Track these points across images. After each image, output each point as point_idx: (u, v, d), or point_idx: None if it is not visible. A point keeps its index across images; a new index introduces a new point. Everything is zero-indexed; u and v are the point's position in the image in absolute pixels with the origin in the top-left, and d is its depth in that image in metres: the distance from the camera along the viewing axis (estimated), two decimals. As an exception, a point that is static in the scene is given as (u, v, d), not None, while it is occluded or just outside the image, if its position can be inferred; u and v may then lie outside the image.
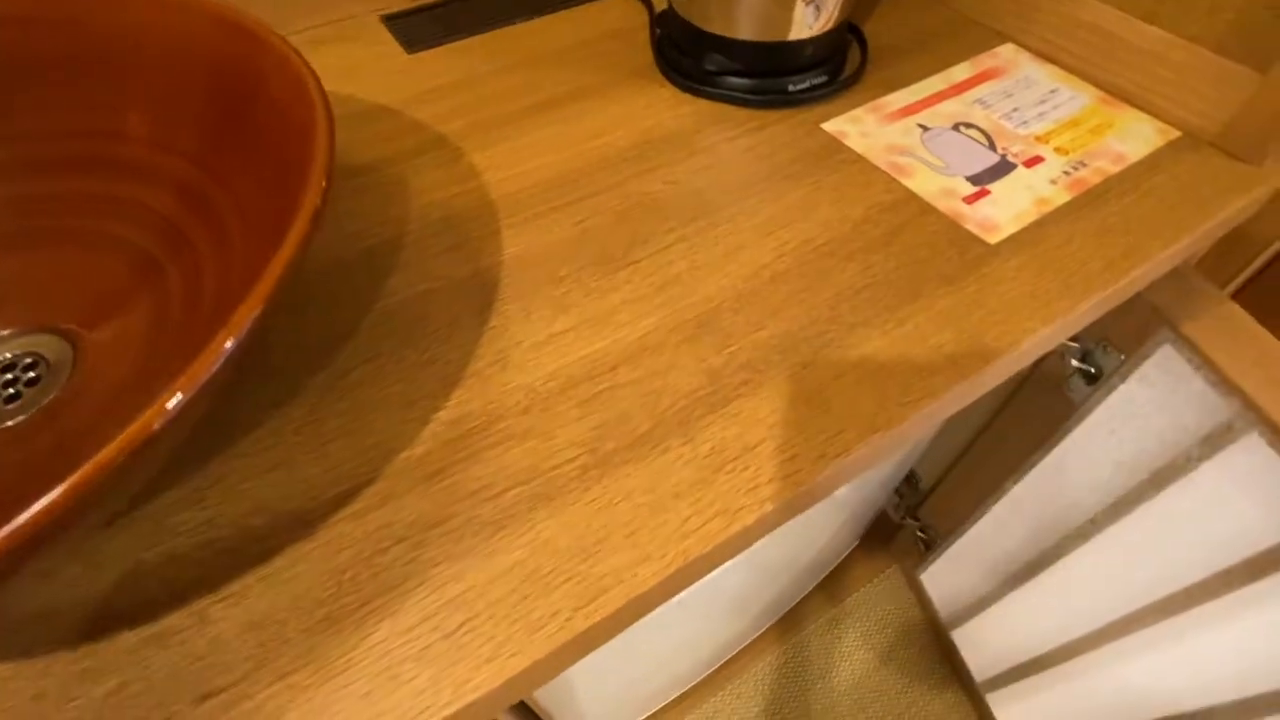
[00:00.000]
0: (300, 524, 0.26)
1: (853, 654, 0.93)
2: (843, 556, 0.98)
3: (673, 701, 0.89)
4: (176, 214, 0.31)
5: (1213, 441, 0.42)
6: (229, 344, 0.20)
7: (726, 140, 0.42)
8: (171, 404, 0.18)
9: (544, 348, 0.32)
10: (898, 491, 0.92)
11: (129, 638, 0.24)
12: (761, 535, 0.28)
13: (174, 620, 0.24)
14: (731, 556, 0.27)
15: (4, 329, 0.30)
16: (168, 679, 0.23)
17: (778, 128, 0.43)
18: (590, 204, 0.38)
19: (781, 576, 0.82)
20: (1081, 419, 0.55)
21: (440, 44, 0.50)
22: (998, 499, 0.71)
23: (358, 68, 0.48)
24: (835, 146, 0.42)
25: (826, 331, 0.32)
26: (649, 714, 0.87)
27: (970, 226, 0.38)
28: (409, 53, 0.49)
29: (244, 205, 0.29)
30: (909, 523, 0.90)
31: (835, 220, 0.38)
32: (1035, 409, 0.62)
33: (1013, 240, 0.37)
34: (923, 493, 0.89)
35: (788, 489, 0.27)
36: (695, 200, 0.39)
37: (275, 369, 0.31)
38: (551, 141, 0.42)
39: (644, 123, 0.44)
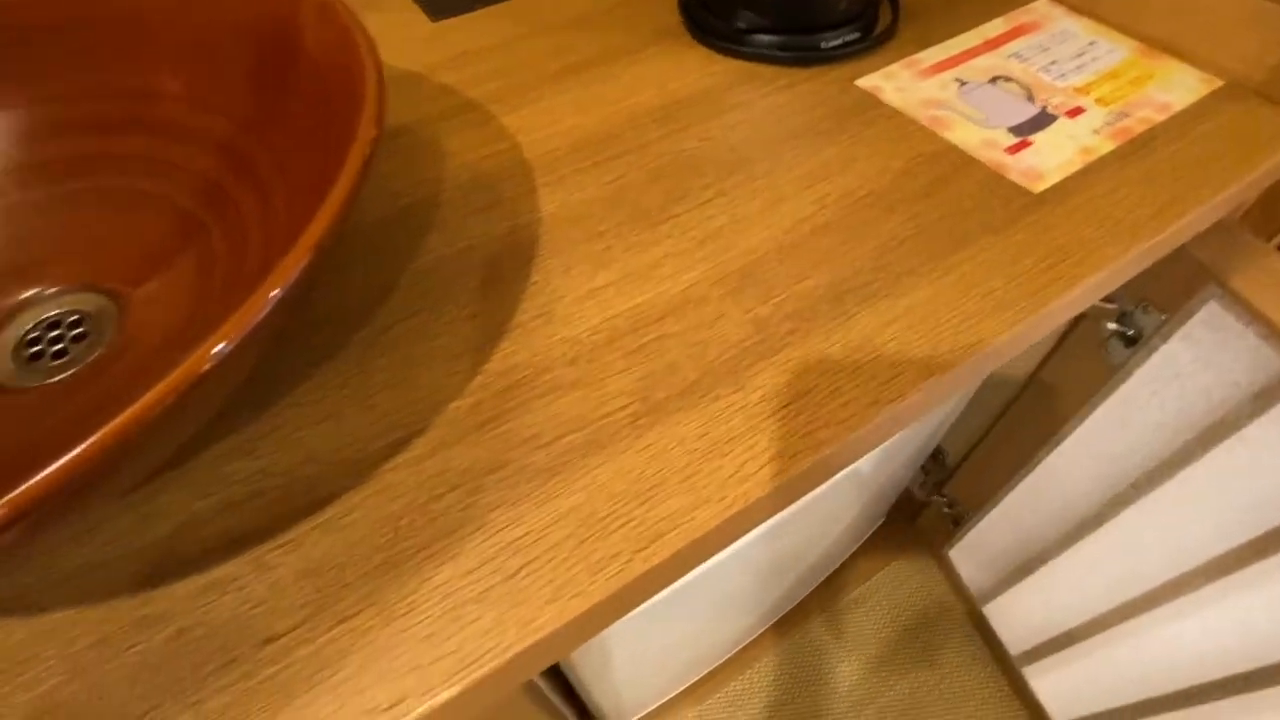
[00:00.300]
0: (352, 472, 0.26)
1: (879, 632, 0.93)
2: (867, 535, 0.97)
3: (699, 681, 0.89)
4: (218, 172, 0.30)
5: (1266, 397, 0.41)
6: (276, 291, 0.19)
7: (759, 98, 0.42)
8: (217, 349, 0.18)
9: (587, 301, 0.31)
10: (923, 468, 0.92)
11: (187, 585, 0.24)
12: (818, 482, 0.27)
13: (231, 568, 0.24)
14: (788, 503, 0.27)
15: (50, 287, 0.30)
16: (228, 624, 0.23)
17: (810, 85, 0.43)
18: (624, 162, 0.38)
19: (806, 556, 0.81)
20: (1120, 383, 0.54)
21: (465, 11, 0.49)
22: (1031, 469, 0.70)
23: (383, 36, 0.48)
24: (871, 102, 0.41)
25: (873, 280, 0.32)
26: (677, 691, 0.86)
27: (1013, 176, 0.37)
28: (434, 20, 0.49)
29: (287, 162, 0.29)
30: (936, 499, 0.89)
31: (875, 173, 0.37)
32: (1069, 376, 0.61)
33: (1058, 189, 0.36)
34: (949, 468, 0.88)
35: (843, 433, 0.27)
36: (731, 156, 0.38)
37: (318, 325, 0.31)
38: (581, 103, 0.42)
39: (674, 83, 0.43)
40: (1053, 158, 0.38)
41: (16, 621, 0.23)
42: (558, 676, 0.57)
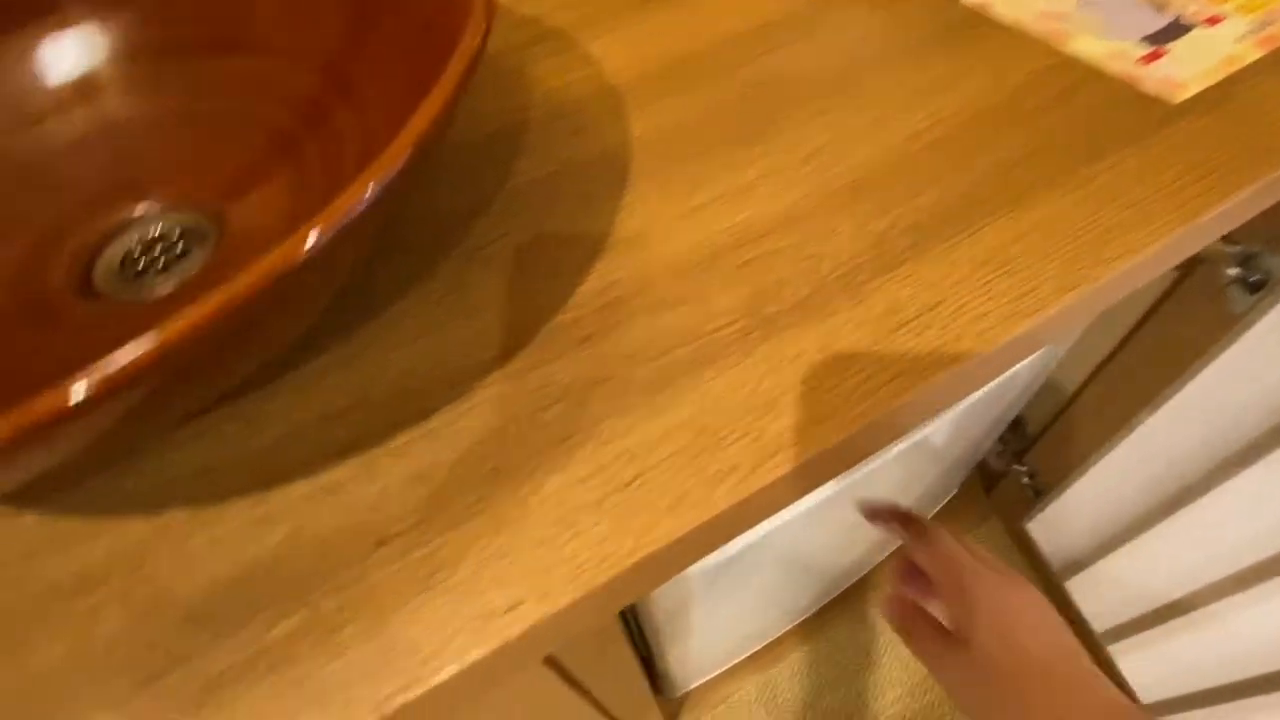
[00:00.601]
0: (455, 386, 0.25)
1: (950, 607, 0.89)
2: (937, 508, 0.94)
3: (763, 650, 0.87)
4: (316, 90, 0.30)
5: None
6: (375, 182, 0.18)
7: (856, 17, 0.39)
8: (313, 236, 0.17)
9: (685, 220, 0.30)
10: (1001, 438, 0.87)
11: (297, 488, 0.23)
12: (950, 401, 0.25)
13: (339, 474, 0.23)
14: (915, 423, 0.25)
15: (151, 205, 0.30)
16: (340, 526, 0.22)
17: (910, 3, 0.40)
18: (714, 85, 0.36)
19: (872, 530, 0.79)
20: (1241, 333, 0.50)
21: (541, -55, 0.48)
22: (1127, 434, 0.66)
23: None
24: (979, 18, 0.38)
25: (999, 194, 0.29)
26: (741, 658, 0.85)
27: (1148, 88, 0.33)
28: (511, -45, 0.47)
29: (387, 77, 0.28)
30: (1014, 469, 0.85)
31: (990, 88, 0.34)
32: (1179, 328, 0.56)
33: (1199, 100, 0.33)
34: (1030, 437, 0.84)
35: (979, 347, 0.25)
36: (828, 76, 0.36)
37: (411, 244, 0.30)
38: (667, 28, 0.40)
39: (764, 5, 0.41)
40: (1192, 67, 0.34)
41: (135, 521, 0.23)
42: (632, 636, 0.56)
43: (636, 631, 0.58)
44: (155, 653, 0.20)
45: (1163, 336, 0.59)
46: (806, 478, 0.23)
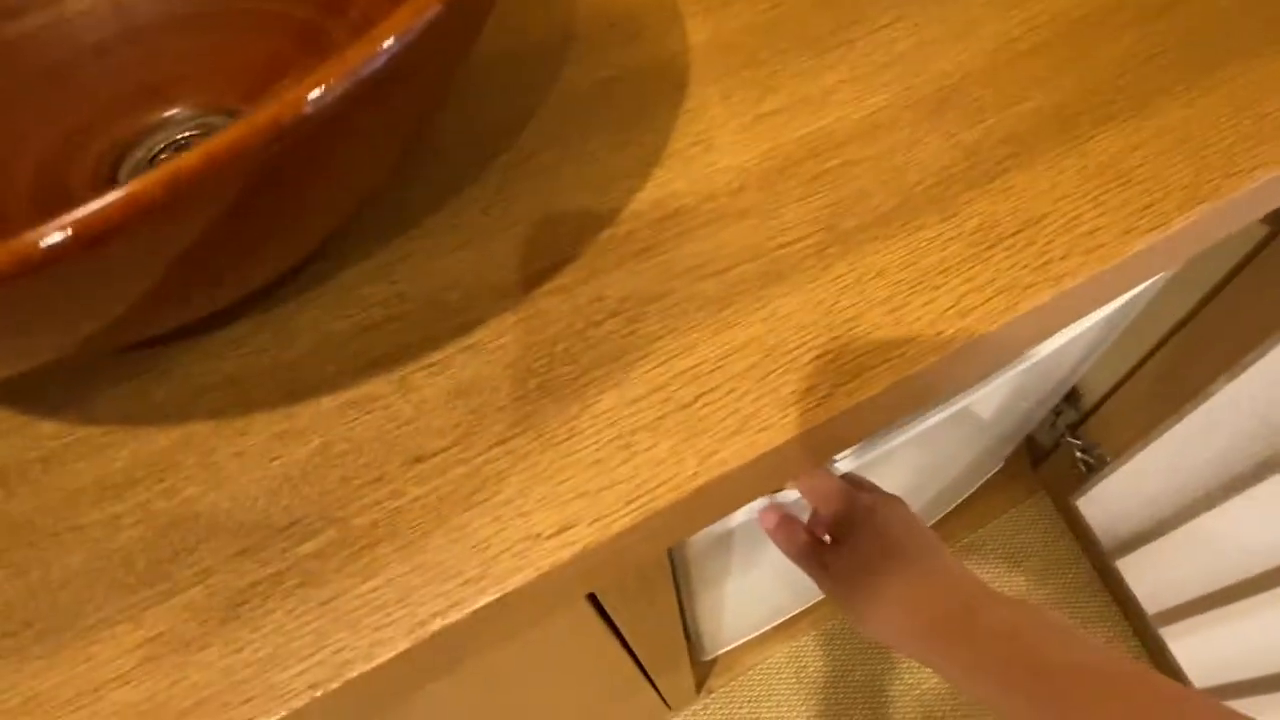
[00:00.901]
0: (499, 298, 0.23)
1: (992, 582, 0.86)
2: (982, 481, 0.90)
3: (794, 618, 0.86)
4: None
5: None
6: (392, 39, 0.16)
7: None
8: (318, 91, 0.15)
9: (752, 129, 0.27)
10: (1054, 410, 0.83)
11: (329, 401, 0.21)
12: (1056, 327, 0.22)
13: (373, 387, 0.22)
14: (1018, 350, 0.22)
15: (175, 108, 0.28)
16: (374, 441, 0.20)
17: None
18: (782, -8, 0.33)
19: (914, 499, 0.76)
20: (1346, 291, 0.45)
21: None
22: (1196, 405, 0.61)
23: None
24: (1080, -80, 0.34)
25: (1111, 101, 0.26)
26: (771, 626, 0.84)
27: (1281, -9, 0.29)
28: None
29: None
30: (1067, 442, 0.81)
31: (1096, -9, 0.30)
32: (1261, 293, 0.52)
33: (1343, 4, 0.28)
34: (1085, 410, 0.79)
35: (1090, 264, 0.21)
36: (910, -19, 0.32)
37: (449, 153, 0.28)
38: (728, -64, 0.36)
39: (835, -89, 0.37)
40: (1334, -31, 0.30)
41: (157, 430, 0.21)
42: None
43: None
44: (176, 566, 0.19)
45: (1241, 302, 0.54)
46: (890, 406, 0.21)
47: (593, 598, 0.31)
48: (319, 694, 0.17)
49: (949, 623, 0.26)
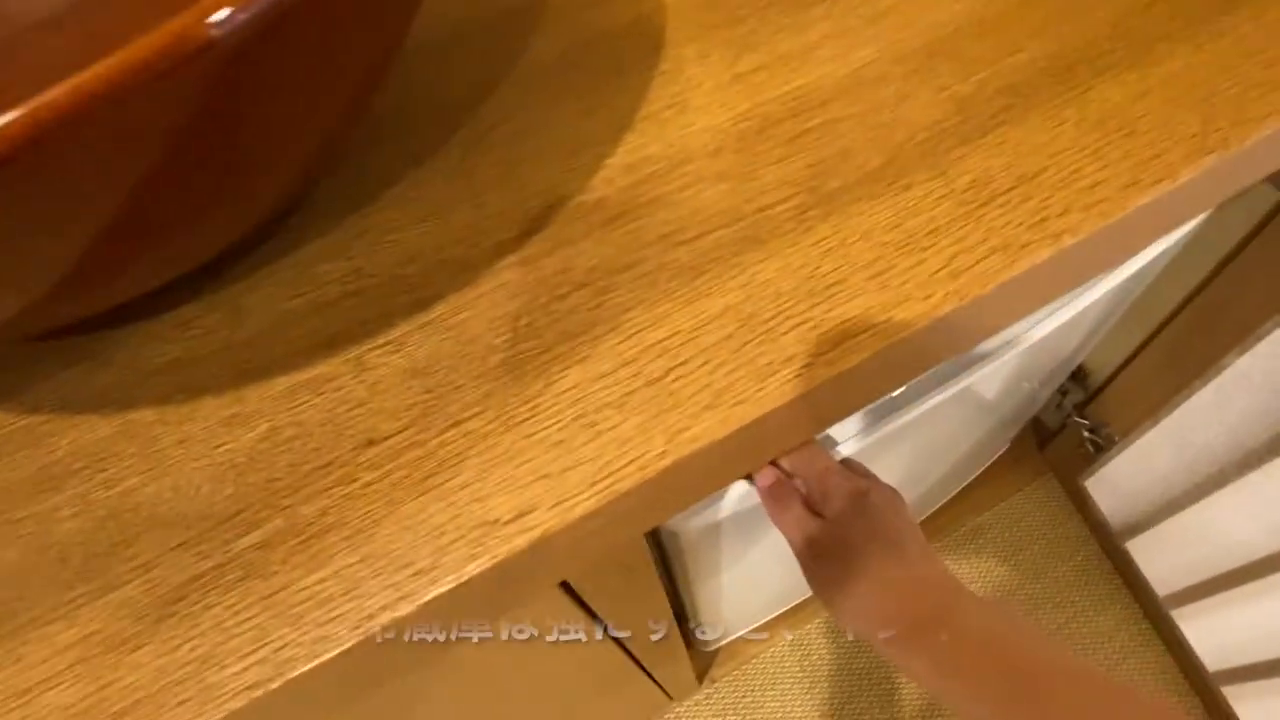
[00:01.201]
0: (460, 272, 0.22)
1: (997, 567, 0.85)
2: (987, 464, 0.88)
3: (798, 606, 0.84)
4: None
5: None
6: None
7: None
8: (221, 14, 0.13)
9: (730, 88, 0.25)
10: (1060, 390, 0.81)
11: (278, 384, 0.20)
12: (1059, 291, 0.21)
13: (326, 368, 0.20)
14: (1016, 315, 0.21)
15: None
16: (325, 425, 0.19)
17: None
18: (763, -49, 0.31)
19: (917, 481, 0.74)
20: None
21: None
22: (1206, 380, 0.60)
23: None
24: None
25: (1112, 50, 0.24)
26: (779, 613, 0.83)
27: (1295, -69, 0.27)
28: None
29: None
30: (1073, 423, 0.79)
31: (1095, -61, 0.28)
32: (1271, 265, 0.50)
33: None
34: (1092, 389, 0.78)
35: (1090, 220, 0.20)
36: (899, -66, 0.30)
37: (411, 122, 0.26)
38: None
39: None
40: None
41: (98, 419, 0.20)
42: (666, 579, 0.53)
43: (667, 582, 0.55)
44: (114, 560, 0.18)
45: (1259, 268, 0.53)
46: (876, 375, 0.19)
47: (569, 588, 0.30)
48: (258, 694, 0.15)
49: (922, 617, 0.25)
